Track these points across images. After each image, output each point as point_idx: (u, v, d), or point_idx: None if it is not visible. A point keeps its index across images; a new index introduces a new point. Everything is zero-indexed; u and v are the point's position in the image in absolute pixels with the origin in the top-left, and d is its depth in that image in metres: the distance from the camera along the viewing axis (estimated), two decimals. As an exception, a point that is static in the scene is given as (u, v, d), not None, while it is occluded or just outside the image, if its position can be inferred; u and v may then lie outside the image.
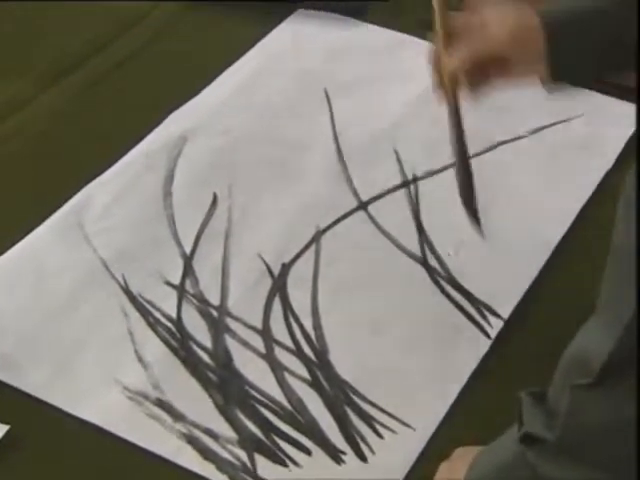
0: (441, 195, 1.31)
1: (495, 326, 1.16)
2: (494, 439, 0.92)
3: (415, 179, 1.33)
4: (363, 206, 1.30)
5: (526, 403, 0.88)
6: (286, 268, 1.22)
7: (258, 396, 1.09)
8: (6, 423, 1.05)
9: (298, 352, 1.13)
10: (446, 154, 1.36)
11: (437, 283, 1.21)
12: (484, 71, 1.01)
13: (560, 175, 1.34)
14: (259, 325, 1.16)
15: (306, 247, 1.25)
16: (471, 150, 1.36)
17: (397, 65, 1.52)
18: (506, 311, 1.17)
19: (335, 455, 1.04)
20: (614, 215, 1.25)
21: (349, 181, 1.33)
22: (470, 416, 1.07)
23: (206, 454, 1.03)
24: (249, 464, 1.03)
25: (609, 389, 0.79)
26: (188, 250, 1.24)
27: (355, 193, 1.32)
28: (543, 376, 1.08)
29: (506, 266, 1.22)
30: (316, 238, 1.26)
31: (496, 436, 0.92)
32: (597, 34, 0.97)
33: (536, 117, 1.41)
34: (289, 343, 1.14)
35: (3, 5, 1.60)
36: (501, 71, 1.01)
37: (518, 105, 1.41)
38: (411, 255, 1.24)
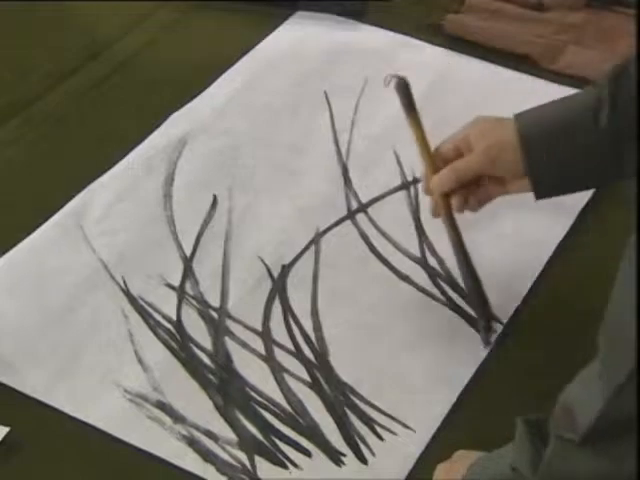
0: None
1: (495, 329, 1.15)
2: (493, 442, 0.92)
3: (415, 181, 1.33)
4: (363, 208, 1.30)
5: (519, 433, 0.87)
6: (286, 270, 1.22)
7: (258, 398, 1.09)
8: (6, 425, 1.05)
9: (298, 354, 1.13)
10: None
11: (437, 284, 1.21)
12: (470, 188, 1.10)
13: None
14: (259, 327, 1.16)
15: (306, 249, 1.25)
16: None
17: (396, 66, 1.52)
18: (505, 314, 1.17)
19: (335, 457, 1.04)
20: (614, 218, 1.26)
21: (349, 183, 1.34)
22: (470, 418, 1.07)
23: (206, 456, 1.04)
24: (249, 466, 1.03)
25: (592, 450, 0.78)
26: (188, 252, 1.24)
27: (355, 195, 1.32)
28: (542, 379, 1.09)
29: (505, 269, 1.22)
30: (316, 240, 1.26)
31: (495, 439, 0.92)
32: (570, 145, 1.02)
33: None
34: (289, 345, 1.14)
35: (3, 6, 1.60)
36: (494, 187, 1.10)
37: (518, 108, 1.41)
38: (411, 256, 1.24)
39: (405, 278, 1.21)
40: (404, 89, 1.15)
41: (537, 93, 1.46)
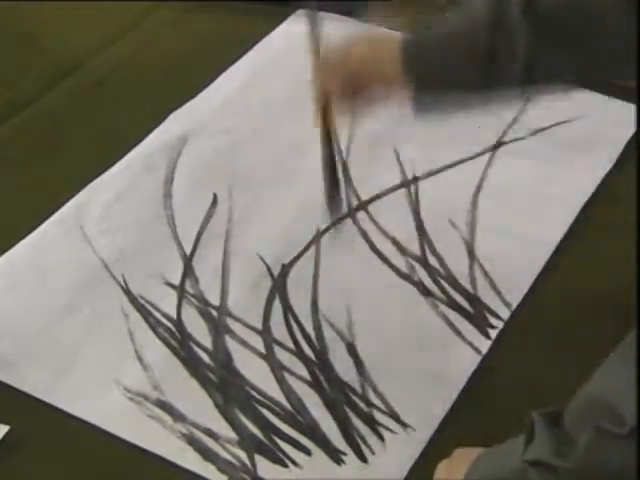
0: (441, 194, 1.31)
1: (495, 327, 1.16)
2: (494, 440, 0.92)
3: (415, 179, 1.33)
4: (363, 206, 1.30)
5: (538, 426, 0.86)
6: (286, 268, 1.22)
7: (258, 396, 1.09)
8: (6, 424, 1.05)
9: (298, 352, 1.13)
10: (446, 153, 1.37)
11: (437, 283, 1.21)
12: (353, 91, 1.07)
13: (560, 176, 1.34)
14: (259, 325, 1.16)
15: (306, 247, 1.25)
16: (472, 151, 1.38)
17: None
18: (506, 312, 1.17)
19: (335, 456, 1.04)
20: (614, 216, 1.26)
21: (349, 181, 1.33)
22: (470, 417, 1.07)
23: (206, 455, 1.03)
24: (249, 464, 1.03)
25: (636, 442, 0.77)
26: (188, 251, 1.24)
27: (355, 193, 1.32)
28: (543, 377, 1.09)
29: (506, 267, 1.22)
30: (316, 238, 1.26)
31: (496, 437, 0.92)
32: (451, 51, 1.02)
33: (536, 118, 1.40)
34: (289, 343, 1.14)
35: (3, 5, 1.60)
36: (367, 89, 1.07)
37: (518, 106, 1.41)
38: (411, 255, 1.24)
39: (405, 276, 1.21)
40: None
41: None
